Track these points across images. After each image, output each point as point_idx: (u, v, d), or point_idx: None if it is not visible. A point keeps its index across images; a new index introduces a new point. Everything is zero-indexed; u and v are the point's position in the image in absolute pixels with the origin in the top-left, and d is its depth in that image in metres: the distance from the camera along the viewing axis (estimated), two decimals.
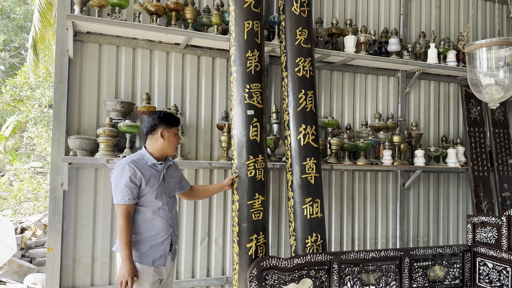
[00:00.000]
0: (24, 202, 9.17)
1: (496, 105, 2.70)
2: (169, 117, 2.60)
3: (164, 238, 2.52)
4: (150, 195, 2.48)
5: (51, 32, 12.20)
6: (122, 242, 2.35)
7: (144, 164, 2.50)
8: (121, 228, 2.36)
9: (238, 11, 3.13)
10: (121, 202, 2.38)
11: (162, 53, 3.50)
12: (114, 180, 2.45)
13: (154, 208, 2.49)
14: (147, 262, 2.44)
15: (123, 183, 2.39)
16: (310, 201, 3.16)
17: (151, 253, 2.47)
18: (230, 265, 3.63)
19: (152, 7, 3.16)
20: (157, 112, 2.60)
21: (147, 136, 2.60)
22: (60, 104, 3.10)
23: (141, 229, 2.47)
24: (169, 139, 2.57)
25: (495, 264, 2.90)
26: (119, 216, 2.38)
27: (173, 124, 2.60)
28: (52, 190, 3.10)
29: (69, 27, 3.04)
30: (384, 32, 4.18)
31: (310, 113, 3.27)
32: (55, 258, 3.10)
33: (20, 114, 13.38)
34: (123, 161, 2.48)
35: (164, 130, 2.56)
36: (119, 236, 2.36)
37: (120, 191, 2.39)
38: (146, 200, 2.48)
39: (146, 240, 2.47)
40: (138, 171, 2.43)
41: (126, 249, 2.34)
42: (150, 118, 2.57)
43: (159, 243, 2.50)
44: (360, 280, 2.76)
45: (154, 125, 2.55)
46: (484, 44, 2.57)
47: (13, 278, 5.43)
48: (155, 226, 2.49)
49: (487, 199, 4.19)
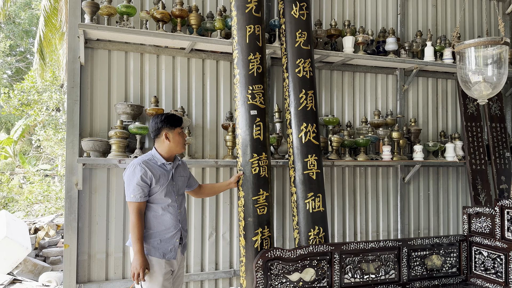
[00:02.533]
0: (35, 204, 9.39)
1: (485, 101, 2.83)
2: (170, 118, 2.72)
3: (173, 233, 2.68)
4: (160, 193, 2.63)
5: (57, 36, 12.42)
6: (134, 237, 2.52)
7: (154, 164, 2.65)
8: (133, 224, 2.53)
9: (240, 16, 3.28)
10: (133, 200, 2.55)
11: (168, 57, 3.66)
12: (126, 179, 2.61)
13: (164, 205, 2.65)
14: (159, 255, 2.61)
15: (135, 182, 2.55)
16: (312, 196, 3.31)
17: (161, 247, 2.63)
18: (237, 259, 3.79)
19: (158, 14, 3.33)
20: (159, 116, 2.73)
21: (155, 140, 2.75)
22: (73, 108, 3.28)
23: (152, 224, 2.63)
24: (174, 139, 2.71)
25: (489, 252, 3.04)
26: (132, 213, 2.55)
27: (175, 124, 2.72)
28: (67, 190, 3.27)
29: (80, 35, 3.21)
30: (381, 31, 4.32)
31: (311, 112, 3.42)
32: (71, 254, 3.28)
33: (28, 118, 13.62)
34: (134, 161, 2.63)
35: (168, 132, 2.69)
36: (131, 232, 2.53)
37: (132, 190, 2.55)
38: (156, 198, 2.63)
39: (156, 235, 2.63)
40: (149, 171, 2.58)
41: (138, 244, 2.51)
42: (153, 123, 2.72)
43: (169, 237, 2.66)
44: (361, 269, 2.91)
45: (158, 129, 2.69)
46: (472, 43, 2.71)
47: (28, 277, 5.63)
48: (165, 222, 2.65)
49: (485, 192, 4.32)
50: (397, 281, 3.00)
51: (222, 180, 3.78)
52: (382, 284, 2.95)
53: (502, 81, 2.78)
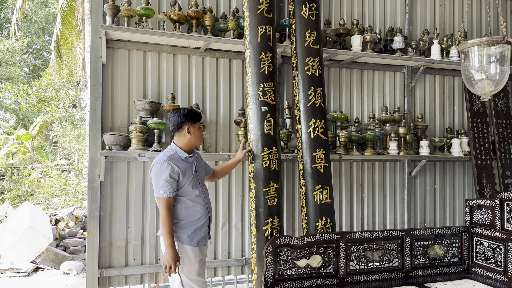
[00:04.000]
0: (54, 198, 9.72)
1: (488, 97, 2.96)
2: (192, 113, 2.87)
3: (204, 222, 2.86)
4: (188, 185, 2.78)
5: (73, 34, 12.75)
6: (165, 231, 2.65)
7: (178, 159, 2.79)
8: (164, 219, 2.65)
9: (252, 17, 3.46)
10: (162, 196, 2.68)
11: (184, 56, 3.86)
12: (154, 177, 2.72)
13: (193, 197, 2.81)
14: (194, 243, 2.78)
15: (163, 179, 2.67)
16: (320, 188, 3.49)
17: (195, 235, 2.80)
18: (248, 248, 3.99)
19: (175, 16, 3.52)
20: (181, 110, 2.85)
21: (174, 133, 2.88)
22: (95, 105, 3.50)
23: (185, 215, 2.78)
24: (195, 133, 2.87)
25: (490, 242, 3.18)
26: (162, 208, 2.67)
27: (197, 119, 2.89)
28: (90, 181, 3.50)
29: (102, 36, 3.42)
30: (389, 30, 4.45)
31: (319, 108, 3.59)
32: (94, 241, 3.51)
33: (46, 114, 14.01)
34: (160, 158, 2.75)
35: (190, 126, 2.84)
36: (162, 226, 2.66)
37: (161, 186, 2.67)
38: (185, 190, 2.78)
39: (190, 225, 2.79)
40: (175, 166, 2.71)
41: (169, 237, 2.64)
42: (175, 116, 2.84)
43: (200, 226, 2.84)
44: (365, 257, 3.07)
45: (180, 123, 2.83)
46: (475, 43, 2.83)
47: (50, 265, 5.92)
48: (196, 212, 2.82)
49: (490, 186, 4.44)
50: (400, 269, 3.15)
51: (234, 172, 3.98)
52: (385, 272, 3.11)
53: (504, 79, 2.91)
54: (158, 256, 3.74)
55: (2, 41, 15.66)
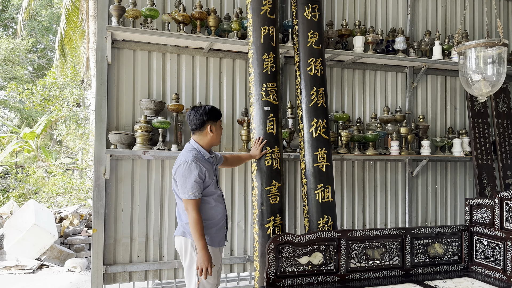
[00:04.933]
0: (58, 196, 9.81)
1: (484, 98, 3.01)
2: (214, 111, 2.78)
3: (224, 221, 2.87)
4: (211, 186, 2.73)
5: (77, 34, 12.83)
6: (197, 233, 2.54)
7: (203, 159, 2.71)
8: (195, 221, 2.55)
9: (255, 18, 3.50)
10: (192, 197, 2.57)
11: (188, 57, 3.92)
12: (182, 177, 2.60)
13: (215, 196, 2.78)
14: (216, 244, 2.77)
15: (192, 180, 2.58)
16: (322, 187, 3.53)
17: (217, 235, 2.78)
18: (251, 246, 4.04)
19: (180, 17, 3.58)
20: (202, 108, 2.74)
21: (195, 132, 2.77)
22: (101, 104, 3.56)
23: (209, 216, 2.72)
24: (217, 132, 2.80)
25: (489, 241, 3.22)
26: (192, 210, 2.56)
27: (218, 117, 2.81)
28: (95, 179, 3.56)
29: (108, 36, 3.48)
30: (391, 31, 4.49)
31: (321, 108, 3.63)
32: (99, 238, 3.57)
33: (50, 113, 14.11)
34: (187, 158, 2.63)
35: (212, 124, 2.75)
36: (193, 228, 2.54)
37: (190, 187, 2.57)
38: (209, 191, 2.71)
39: (213, 225, 2.76)
40: (203, 167, 2.63)
41: (202, 240, 2.55)
42: (197, 115, 2.72)
43: (221, 225, 2.83)
44: (366, 255, 3.12)
45: (202, 122, 2.72)
46: (473, 45, 2.88)
47: (54, 263, 5.98)
48: (218, 212, 2.79)
49: (491, 186, 4.47)
50: (401, 267, 3.20)
51: (237, 171, 4.03)
52: (386, 269, 3.15)
53: (501, 80, 2.95)
54: (161, 253, 3.80)
55: (7, 40, 15.79)
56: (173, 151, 3.54)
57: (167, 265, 3.77)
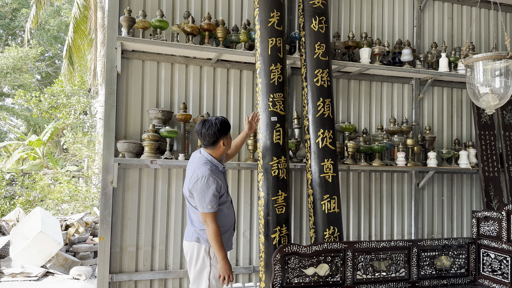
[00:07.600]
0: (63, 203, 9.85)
1: (492, 111, 3.01)
2: (225, 126, 2.83)
3: (233, 226, 3.00)
4: (225, 195, 2.87)
5: (85, 42, 13.00)
6: (218, 244, 2.69)
7: (217, 170, 2.81)
8: (215, 233, 2.68)
9: (263, 30, 3.55)
10: (211, 211, 2.68)
11: (196, 67, 3.96)
12: (200, 192, 2.68)
13: (227, 204, 2.92)
14: (227, 248, 2.88)
15: (211, 194, 2.68)
16: (328, 198, 3.54)
17: (228, 240, 2.92)
18: (256, 256, 4.04)
19: (188, 28, 3.63)
20: (214, 125, 2.76)
21: (207, 147, 2.83)
22: (110, 113, 3.60)
23: (222, 223, 2.84)
24: (228, 143, 2.89)
25: (496, 254, 3.20)
26: (212, 222, 2.68)
27: (228, 129, 2.88)
28: (103, 187, 3.59)
29: (118, 46, 3.53)
30: (397, 43, 4.51)
31: (328, 119, 3.65)
32: (105, 246, 3.58)
33: (57, 121, 14.23)
34: (204, 173, 2.70)
35: (224, 138, 2.83)
36: (214, 240, 2.68)
37: (209, 201, 2.67)
38: (222, 200, 2.83)
39: (225, 230, 2.89)
40: (219, 180, 2.74)
41: (223, 250, 2.71)
42: (210, 132, 2.76)
43: (231, 230, 2.97)
44: (372, 266, 3.11)
45: (216, 138, 2.78)
46: (480, 58, 2.89)
47: (60, 270, 5.99)
48: (229, 218, 2.94)
49: (497, 198, 4.45)
50: (407, 279, 3.18)
51: (243, 181, 4.04)
52: (392, 282, 3.14)
53: (509, 93, 2.96)
54: (167, 262, 3.80)
55: (16, 48, 16.00)
56: (180, 160, 3.56)
57: (173, 274, 3.77)
